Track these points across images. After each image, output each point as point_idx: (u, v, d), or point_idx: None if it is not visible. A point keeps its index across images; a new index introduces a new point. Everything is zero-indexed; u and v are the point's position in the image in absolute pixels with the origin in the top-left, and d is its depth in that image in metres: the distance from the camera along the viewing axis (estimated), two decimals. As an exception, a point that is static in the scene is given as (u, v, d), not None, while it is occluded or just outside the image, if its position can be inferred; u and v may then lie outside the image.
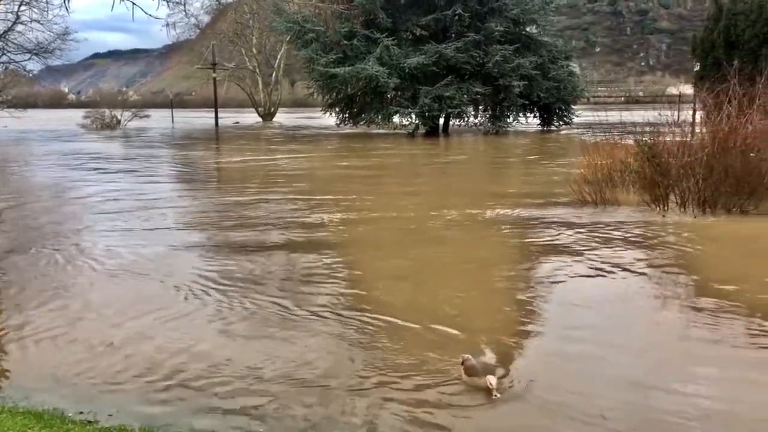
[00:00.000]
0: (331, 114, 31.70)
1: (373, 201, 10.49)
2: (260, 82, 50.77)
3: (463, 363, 3.72)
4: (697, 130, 10.01)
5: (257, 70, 50.51)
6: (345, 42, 27.98)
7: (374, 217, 9.03)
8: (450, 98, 27.56)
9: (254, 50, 49.66)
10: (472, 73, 28.38)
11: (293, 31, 30.09)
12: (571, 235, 7.64)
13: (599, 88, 52.83)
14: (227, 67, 48.06)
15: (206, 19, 48.54)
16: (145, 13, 15.71)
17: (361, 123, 30.26)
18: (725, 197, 8.54)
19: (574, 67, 35.11)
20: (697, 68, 16.00)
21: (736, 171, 8.44)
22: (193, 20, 41.55)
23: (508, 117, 30.12)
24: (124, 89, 74.19)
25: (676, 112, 10.37)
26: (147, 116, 40.71)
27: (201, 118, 45.62)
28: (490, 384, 3.51)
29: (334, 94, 30.24)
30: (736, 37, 14.07)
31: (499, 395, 3.47)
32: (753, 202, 8.44)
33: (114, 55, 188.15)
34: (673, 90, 41.31)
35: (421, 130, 28.89)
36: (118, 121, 37.81)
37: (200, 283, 5.75)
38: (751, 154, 8.54)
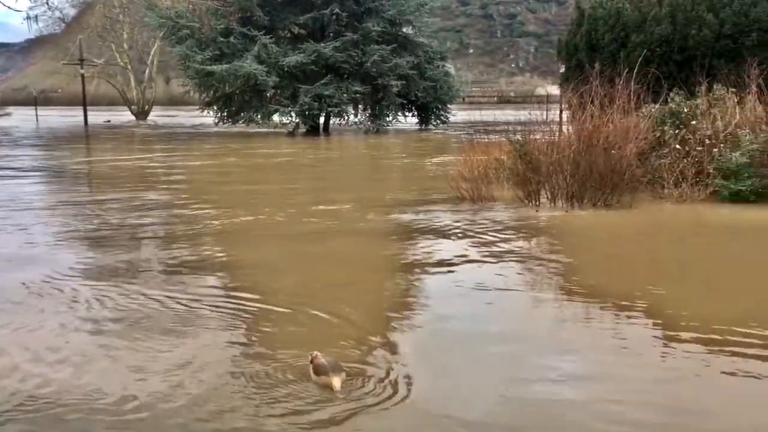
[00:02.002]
0: (208, 113, 30.92)
1: (250, 199, 10.37)
2: (132, 79, 48.64)
3: (311, 361, 3.68)
4: (564, 129, 10.61)
5: (129, 67, 48.36)
6: (221, 39, 27.40)
7: (252, 215, 8.93)
8: (330, 97, 27.64)
9: (125, 46, 47.50)
10: (351, 72, 28.59)
11: (166, 27, 29.13)
12: (449, 230, 7.90)
13: (473, 89, 54.49)
14: (96, 64, 45.68)
15: (72, 12, 46.04)
16: (3, 4, 14.71)
17: (241, 122, 29.73)
18: (591, 192, 9.10)
19: (450, 67, 36.12)
20: (562, 70, 16.88)
21: (599, 167, 9.01)
22: (57, 14, 39.28)
23: (388, 116, 30.60)
24: (-20, 86, 68.91)
25: (544, 112, 10.92)
26: (8, 114, 38.08)
27: (69, 117, 43.18)
28: (334, 385, 3.51)
29: (212, 92, 29.54)
30: (597, 41, 14.96)
31: (341, 396, 3.47)
32: (615, 196, 9.04)
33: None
34: (541, 90, 43.35)
35: (302, 129, 28.79)
36: (-26, 120, 35.17)
37: (64, 279, 5.49)
38: (613, 152, 9.14)
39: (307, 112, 27.88)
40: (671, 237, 7.82)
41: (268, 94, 28.56)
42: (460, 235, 7.69)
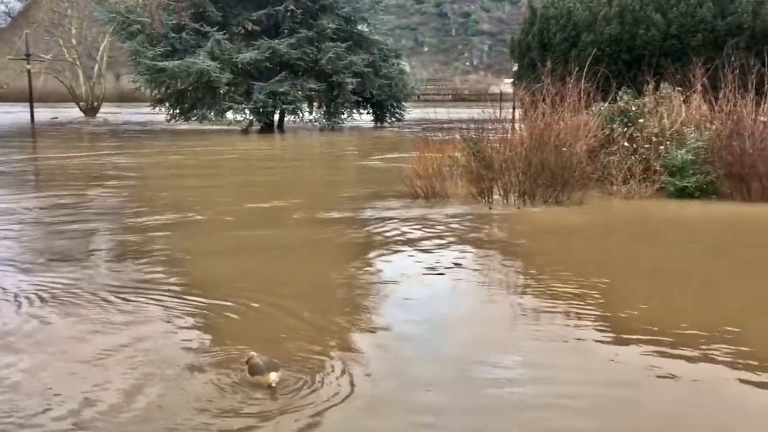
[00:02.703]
0: (160, 110, 30.35)
1: (201, 197, 10.24)
2: (81, 75, 47.41)
3: (247, 362, 3.63)
4: (517, 126, 10.75)
5: (77, 63, 47.13)
6: (173, 35, 26.94)
7: (203, 212, 8.82)
8: (284, 94, 27.43)
9: (74, 41, 46.26)
10: (305, 69, 28.42)
11: (116, 22, 28.47)
12: (403, 227, 7.92)
13: (428, 86, 54.77)
14: (43, 59, 44.42)
15: (18, 6, 44.68)
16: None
17: (193, 119, 29.24)
18: (542, 189, 9.23)
19: (405, 65, 36.20)
20: (515, 69, 17.08)
21: (551, 165, 9.15)
22: (3, 7, 38.06)
23: (343, 113, 30.50)
24: None
25: (497, 110, 11.03)
26: (-52, 111, 36.79)
27: (15, 113, 41.89)
28: (270, 380, 3.47)
29: (163, 88, 28.96)
30: (548, 40, 15.18)
31: (277, 394, 3.44)
32: (566, 193, 9.20)
33: None
34: (495, 89, 43.79)
35: (256, 126, 28.51)
36: None
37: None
38: (564, 149, 9.29)
39: (261, 110, 27.61)
40: (620, 232, 7.98)
41: (221, 91, 28.16)
42: (413, 231, 7.71)
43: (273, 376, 3.50)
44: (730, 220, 8.49)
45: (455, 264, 6.28)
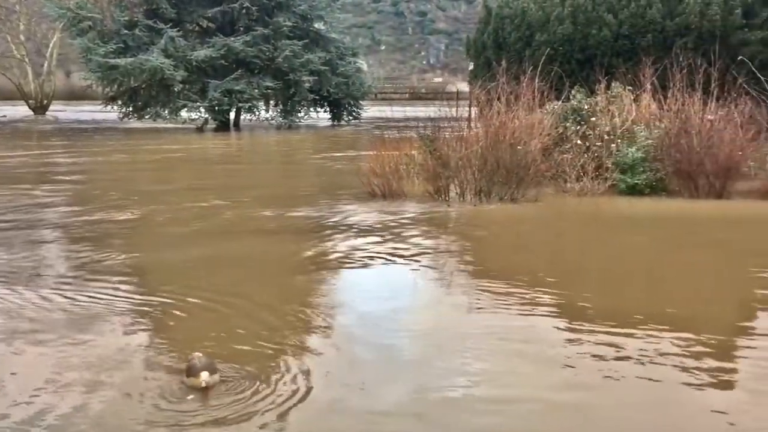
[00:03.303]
0: (112, 107, 29.76)
1: (154, 196, 10.08)
2: (30, 72, 46.22)
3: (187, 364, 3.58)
4: (473, 125, 10.84)
5: (26, 60, 45.94)
6: (125, 31, 26.43)
7: (154, 211, 8.70)
8: (240, 92, 27.15)
9: (22, 37, 45.05)
10: (262, 67, 28.18)
11: (66, 18, 27.79)
12: (360, 225, 7.93)
13: (385, 85, 54.85)
14: (-10, 56, 43.20)
15: (-38, 1, 43.25)
16: None
17: (147, 117, 28.73)
18: (498, 187, 9.34)
19: (362, 63, 36.20)
20: (471, 67, 17.23)
21: (506, 163, 9.26)
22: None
23: (300, 112, 30.35)
24: None
25: (454, 108, 11.10)
26: None
27: (-41, 111, 40.65)
28: (201, 381, 3.40)
29: (116, 86, 28.41)
30: (503, 40, 15.35)
31: (209, 399, 3.38)
32: (521, 190, 9.32)
33: None
34: (452, 87, 44.07)
35: (212, 124, 28.19)
36: None
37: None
38: (519, 147, 9.41)
39: (216, 108, 27.28)
40: (573, 229, 8.14)
41: (175, 89, 27.73)
42: (370, 230, 7.73)
43: (204, 376, 3.41)
44: (678, 216, 8.72)
45: (412, 261, 6.31)
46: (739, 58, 12.47)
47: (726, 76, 10.38)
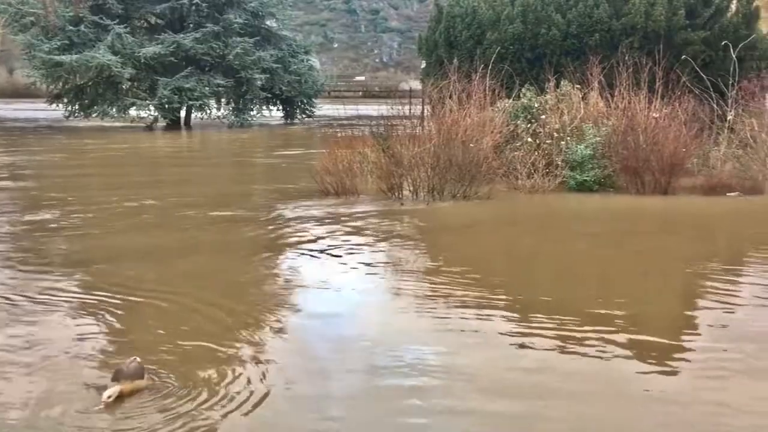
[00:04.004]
0: (58, 105, 28.99)
1: (102, 196, 9.85)
2: (-30, 68, 44.77)
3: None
4: (426, 123, 10.90)
5: (-35, 56, 44.47)
6: (70, 28, 25.79)
7: (104, 211, 8.51)
8: (191, 90, 26.76)
9: (-39, 33, 43.62)
10: (212, 64, 27.85)
11: (8, 14, 26.98)
12: (313, 224, 7.90)
13: (339, 83, 54.65)
14: (-73, 52, 41.63)
15: None
16: None
17: (94, 115, 28.06)
18: (451, 184, 9.41)
19: (314, 61, 36.02)
20: (423, 66, 17.30)
21: (458, 160, 9.33)
22: None
23: (252, 110, 30.05)
24: None
25: (407, 106, 11.15)
26: None
27: None
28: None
29: (61, 83, 27.73)
30: (455, 38, 15.42)
31: (107, 402, 3.27)
32: (473, 187, 9.40)
33: None
34: (405, 85, 44.20)
35: (161, 123, 27.71)
36: None
37: None
38: (471, 145, 9.50)
39: (166, 106, 26.82)
40: (524, 225, 8.26)
41: (123, 87, 27.21)
42: (323, 228, 7.70)
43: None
44: (625, 212, 8.92)
45: (365, 258, 6.32)
46: (683, 57, 12.82)
47: (670, 75, 10.65)
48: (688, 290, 5.54)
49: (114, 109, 27.28)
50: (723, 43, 12.98)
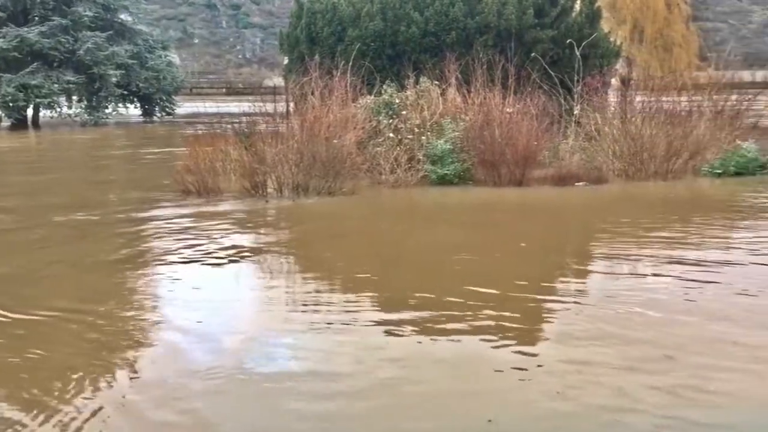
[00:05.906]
0: None
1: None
2: None
3: None
4: (289, 120, 10.84)
5: None
6: None
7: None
8: (38, 87, 25.16)
9: None
10: (62, 60, 26.29)
11: None
12: (176, 224, 7.66)
13: (201, 80, 53.20)
14: None
15: None
16: None
17: (-74, 115, 25.80)
18: (315, 180, 9.42)
19: (174, 57, 34.92)
20: (286, 62, 17.17)
21: (322, 157, 9.36)
22: None
23: (107, 107, 28.66)
24: None
25: (270, 103, 11.02)
26: None
27: None
28: None
29: None
30: (316, 34, 15.41)
31: None
32: (338, 183, 9.46)
33: None
34: (269, 82, 43.65)
35: (6, 122, 25.84)
36: None
37: None
38: (334, 141, 9.56)
39: (11, 104, 25.05)
40: (388, 219, 8.42)
41: (-39, 84, 25.15)
42: (185, 229, 7.49)
43: None
44: (483, 203, 9.30)
45: (231, 258, 6.21)
46: (533, 54, 13.52)
47: (522, 72, 11.19)
48: (538, 273, 5.85)
49: (-50, 108, 25.19)
50: (568, 41, 13.77)
